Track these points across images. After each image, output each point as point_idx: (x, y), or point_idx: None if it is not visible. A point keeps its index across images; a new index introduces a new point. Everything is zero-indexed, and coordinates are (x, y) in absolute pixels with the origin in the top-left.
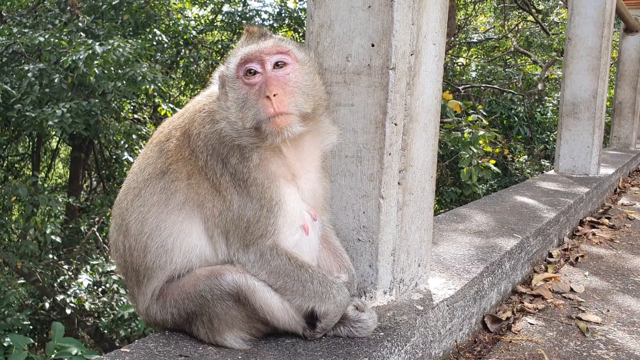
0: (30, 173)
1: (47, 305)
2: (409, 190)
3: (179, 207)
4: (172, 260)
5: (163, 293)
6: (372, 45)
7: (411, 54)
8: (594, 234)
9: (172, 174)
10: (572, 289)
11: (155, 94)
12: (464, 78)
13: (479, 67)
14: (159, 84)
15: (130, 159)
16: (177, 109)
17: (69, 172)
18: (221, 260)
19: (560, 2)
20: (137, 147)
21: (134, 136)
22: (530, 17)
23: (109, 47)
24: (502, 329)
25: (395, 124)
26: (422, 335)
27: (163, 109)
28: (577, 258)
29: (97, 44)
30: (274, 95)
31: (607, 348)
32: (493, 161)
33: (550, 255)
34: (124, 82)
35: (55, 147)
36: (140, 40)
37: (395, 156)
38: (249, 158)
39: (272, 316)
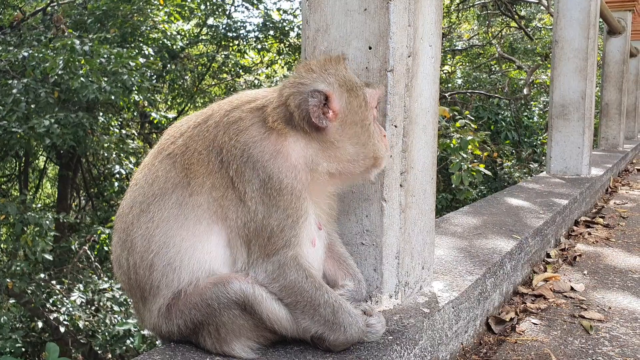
0: (18, 194)
1: (39, 324)
2: (411, 193)
3: (193, 222)
4: (179, 278)
5: (169, 308)
6: (370, 48)
7: (408, 56)
8: (589, 234)
9: (187, 188)
10: (572, 288)
11: (146, 103)
12: (450, 85)
13: (465, 74)
14: (147, 90)
15: (123, 171)
16: (167, 116)
17: (57, 192)
18: (240, 270)
19: (542, 7)
20: (126, 161)
21: (122, 145)
22: (513, 23)
23: (90, 43)
24: (507, 330)
25: (395, 126)
26: (429, 338)
27: (155, 118)
28: (575, 257)
29: (77, 42)
30: (384, 136)
31: (612, 345)
32: (482, 165)
33: (549, 256)
34: (111, 84)
35: (42, 167)
36: (125, 50)
37: (396, 158)
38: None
39: (279, 325)
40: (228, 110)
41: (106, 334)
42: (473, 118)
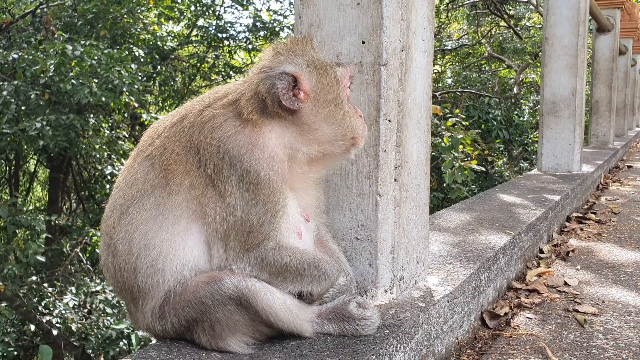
0: (8, 197)
1: (32, 327)
2: (405, 187)
3: (172, 222)
4: (164, 280)
5: (162, 308)
6: (363, 43)
7: (402, 50)
8: (581, 229)
9: (166, 188)
10: (566, 283)
11: (136, 104)
12: (440, 85)
13: (454, 74)
14: (137, 88)
15: (116, 172)
16: (158, 117)
17: (47, 195)
18: (216, 267)
19: (531, 6)
20: (117, 163)
21: (113, 147)
22: (502, 23)
23: (82, 48)
24: (501, 325)
25: (389, 121)
26: (425, 332)
27: (145, 119)
28: (567, 253)
29: (69, 47)
30: (360, 116)
31: (607, 338)
32: (474, 161)
33: (541, 251)
34: (102, 87)
35: (33, 170)
36: (115, 50)
37: (390, 153)
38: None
39: (275, 317)
40: (201, 109)
41: (99, 336)
42: (464, 117)
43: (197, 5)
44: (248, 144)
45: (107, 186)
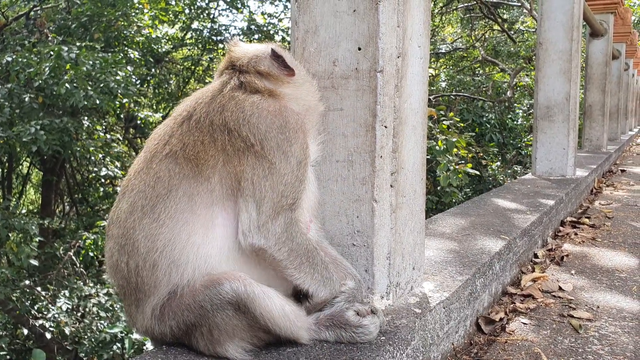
0: (2, 200)
1: (25, 331)
2: (402, 193)
3: (204, 210)
4: (182, 276)
5: (163, 310)
6: (359, 49)
7: (398, 56)
8: (575, 234)
9: (196, 177)
10: (560, 288)
11: (132, 105)
12: (434, 88)
13: (449, 77)
14: (132, 96)
15: (111, 173)
16: (155, 114)
17: (40, 198)
18: (244, 230)
19: (524, 10)
20: (111, 165)
21: (107, 149)
22: (496, 26)
23: (77, 51)
24: (496, 330)
25: (386, 127)
26: (421, 339)
27: (142, 118)
28: (562, 257)
29: (65, 49)
30: None
31: (602, 343)
32: (470, 165)
33: (536, 256)
34: (97, 90)
35: (26, 173)
36: (109, 54)
37: (386, 159)
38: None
39: (273, 323)
40: (208, 101)
41: (92, 339)
42: (458, 119)
43: (192, 8)
44: (279, 107)
45: (101, 189)
